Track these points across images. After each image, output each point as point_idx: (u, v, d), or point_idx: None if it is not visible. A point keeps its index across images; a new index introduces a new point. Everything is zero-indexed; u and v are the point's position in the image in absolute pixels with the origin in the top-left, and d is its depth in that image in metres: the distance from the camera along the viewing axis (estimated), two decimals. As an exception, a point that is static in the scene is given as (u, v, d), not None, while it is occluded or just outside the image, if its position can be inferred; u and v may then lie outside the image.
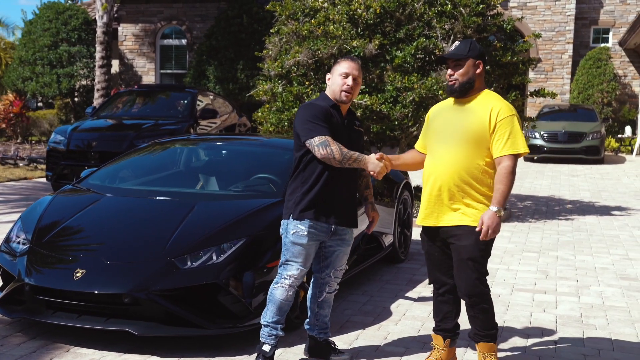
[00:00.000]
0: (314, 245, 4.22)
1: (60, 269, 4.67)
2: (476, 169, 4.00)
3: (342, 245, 4.35)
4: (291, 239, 4.18)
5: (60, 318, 4.54)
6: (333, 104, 4.23)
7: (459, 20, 9.33)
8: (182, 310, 4.43)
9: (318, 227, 4.18)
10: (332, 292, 4.44)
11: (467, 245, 4.00)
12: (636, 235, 8.94)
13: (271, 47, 9.97)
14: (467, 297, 4.07)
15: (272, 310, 4.22)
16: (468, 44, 4.10)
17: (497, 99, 4.08)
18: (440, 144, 4.11)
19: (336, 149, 4.06)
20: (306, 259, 4.21)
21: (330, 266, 4.36)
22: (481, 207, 4.00)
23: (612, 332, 5.13)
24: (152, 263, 4.57)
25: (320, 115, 4.14)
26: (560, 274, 6.82)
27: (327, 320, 4.46)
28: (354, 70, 4.22)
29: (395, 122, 9.18)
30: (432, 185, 4.11)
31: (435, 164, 4.11)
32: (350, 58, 4.30)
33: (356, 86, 4.25)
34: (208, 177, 6.06)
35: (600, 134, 18.57)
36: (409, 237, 7.41)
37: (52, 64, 21.29)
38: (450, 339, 4.29)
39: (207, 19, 22.23)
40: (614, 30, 23.28)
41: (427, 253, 4.28)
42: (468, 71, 4.06)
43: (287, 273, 4.20)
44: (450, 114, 4.15)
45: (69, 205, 5.47)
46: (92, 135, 11.20)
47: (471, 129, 4.00)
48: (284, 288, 4.19)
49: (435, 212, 4.09)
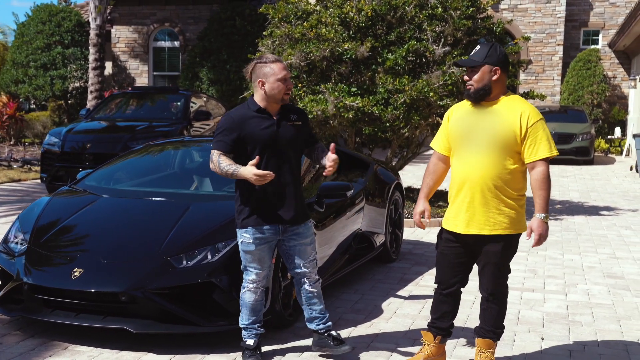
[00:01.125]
0: (265, 247, 4.34)
1: (58, 269, 4.79)
2: (508, 174, 4.04)
3: (299, 239, 4.39)
4: (242, 248, 4.35)
5: (58, 316, 4.65)
6: (258, 108, 4.28)
7: (449, 23, 9.47)
8: (177, 308, 4.54)
9: (264, 230, 4.29)
10: (314, 283, 4.48)
11: (497, 251, 4.10)
12: (623, 235, 9.08)
13: (264, 49, 10.08)
14: (487, 293, 4.21)
15: (246, 314, 4.41)
16: (487, 49, 4.07)
17: (524, 103, 4.09)
18: (470, 148, 4.10)
19: (216, 163, 4.20)
20: (261, 262, 4.35)
21: (297, 260, 4.43)
22: (512, 212, 4.06)
23: (598, 328, 5.27)
24: (148, 262, 4.69)
25: (224, 128, 4.26)
26: (549, 273, 6.96)
27: (322, 309, 4.52)
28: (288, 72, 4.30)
29: (386, 123, 9.30)
30: (465, 191, 4.11)
31: (464, 169, 4.11)
32: (276, 59, 4.29)
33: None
34: (202, 178, 6.17)
35: (590, 135, 18.74)
36: (400, 237, 7.52)
37: (45, 66, 21.33)
38: (441, 336, 4.40)
39: (199, 21, 22.30)
40: (604, 32, 23.48)
41: (442, 254, 4.31)
42: (483, 78, 4.05)
43: (248, 278, 4.38)
44: (476, 117, 4.12)
45: (66, 206, 5.57)
46: (87, 137, 11.28)
47: (502, 134, 4.01)
48: (250, 291, 4.37)
49: (466, 219, 4.11)
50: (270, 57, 4.30)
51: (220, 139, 4.25)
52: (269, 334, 4.83)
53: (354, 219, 6.45)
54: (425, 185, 4.39)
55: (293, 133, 4.33)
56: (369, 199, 6.80)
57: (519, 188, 4.10)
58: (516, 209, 4.08)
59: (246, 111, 4.30)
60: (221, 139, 4.25)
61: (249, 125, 4.24)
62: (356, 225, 6.49)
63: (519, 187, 4.10)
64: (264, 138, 4.24)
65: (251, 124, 4.24)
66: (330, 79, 9.50)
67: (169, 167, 6.68)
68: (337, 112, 9.06)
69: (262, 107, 4.28)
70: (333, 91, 9.13)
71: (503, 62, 4.08)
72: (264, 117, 4.28)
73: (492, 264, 4.14)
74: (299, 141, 4.37)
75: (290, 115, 4.37)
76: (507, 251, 4.15)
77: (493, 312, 4.23)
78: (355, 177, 6.85)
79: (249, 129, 4.23)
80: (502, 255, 4.13)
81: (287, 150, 4.30)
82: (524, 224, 4.16)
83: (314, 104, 9.03)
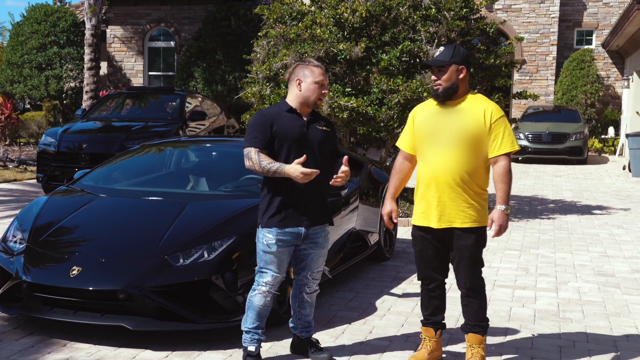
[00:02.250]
0: (286, 251, 4.32)
1: (56, 267, 4.85)
2: (474, 169, 4.21)
3: (316, 249, 4.42)
4: (262, 248, 4.31)
5: (56, 314, 4.72)
6: (289, 108, 4.33)
7: (443, 24, 9.55)
8: (174, 306, 4.61)
9: (287, 233, 4.28)
10: (311, 292, 4.53)
11: (469, 244, 4.25)
12: (615, 234, 9.18)
13: (259, 50, 10.15)
14: (466, 289, 4.33)
15: (251, 317, 4.37)
16: (452, 49, 4.25)
17: (485, 101, 4.27)
18: (437, 146, 4.24)
19: (256, 161, 4.19)
20: (279, 266, 4.32)
21: (307, 269, 4.46)
22: (479, 206, 4.23)
23: (588, 325, 5.36)
24: (145, 260, 4.76)
25: (257, 124, 4.27)
26: (540, 271, 7.05)
27: (309, 319, 4.58)
28: (325, 77, 4.35)
29: (381, 123, 9.38)
30: (432, 188, 4.25)
31: (432, 167, 4.25)
32: (318, 65, 4.36)
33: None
34: (198, 178, 6.25)
35: (584, 135, 18.85)
36: (394, 236, 7.61)
37: (40, 66, 21.36)
38: (440, 329, 4.52)
39: (195, 21, 22.35)
40: (597, 32, 23.61)
41: (420, 251, 4.43)
42: (451, 77, 4.22)
43: (262, 280, 4.33)
44: (441, 116, 4.27)
45: (64, 205, 5.64)
46: (83, 137, 11.33)
47: (468, 131, 4.17)
48: (262, 295, 4.33)
49: (437, 214, 4.25)
50: (313, 61, 4.38)
51: (255, 136, 4.24)
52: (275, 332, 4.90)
53: (349, 218, 6.53)
54: (392, 185, 4.53)
55: (321, 136, 4.35)
56: (363, 198, 6.88)
57: (484, 182, 4.28)
58: (481, 203, 4.26)
59: (278, 110, 4.35)
60: (256, 136, 4.24)
61: (280, 121, 4.27)
62: (350, 224, 6.57)
63: (483, 182, 4.27)
64: (295, 136, 4.26)
65: (282, 121, 4.28)
66: (325, 80, 9.55)
67: (166, 167, 6.75)
68: (331, 112, 9.14)
69: (294, 107, 4.34)
70: (328, 91, 9.19)
71: (467, 62, 4.28)
72: (294, 117, 4.32)
73: (467, 258, 4.27)
74: (326, 146, 4.38)
75: (320, 120, 4.42)
76: (479, 243, 4.29)
77: (474, 307, 4.35)
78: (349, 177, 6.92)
79: (280, 125, 4.25)
80: (474, 249, 4.26)
81: (315, 152, 4.30)
82: (487, 216, 4.32)
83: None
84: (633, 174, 16.13)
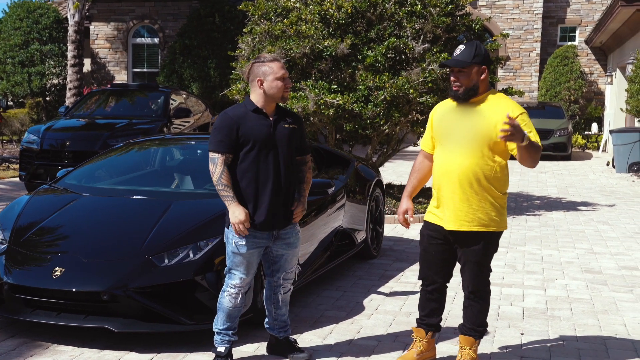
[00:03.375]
0: (256, 252, 4.25)
1: (39, 268, 4.76)
2: (489, 171, 4.04)
3: (289, 249, 4.36)
4: (231, 249, 4.23)
5: (39, 316, 4.63)
6: (255, 108, 4.23)
7: (428, 20, 9.51)
8: (159, 307, 4.54)
9: (257, 234, 4.21)
10: (287, 292, 4.48)
11: (477, 249, 4.12)
12: (601, 230, 9.19)
13: (244, 46, 10.07)
14: (468, 291, 4.24)
15: (222, 318, 4.31)
16: (473, 49, 4.03)
17: (506, 100, 4.11)
18: (452, 144, 4.10)
19: (217, 174, 4.10)
20: (248, 267, 4.24)
21: (281, 270, 4.41)
22: (492, 210, 4.07)
23: (576, 323, 5.34)
24: (130, 261, 4.68)
25: (223, 127, 4.15)
26: (528, 268, 7.03)
27: (285, 318, 4.52)
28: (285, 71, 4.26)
29: (367, 120, 9.33)
30: (446, 187, 4.12)
31: (447, 165, 4.11)
32: (274, 58, 4.25)
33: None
34: (183, 176, 6.17)
35: (568, 131, 18.92)
36: (381, 233, 7.56)
37: (23, 63, 21.15)
38: (432, 332, 4.45)
39: (179, 18, 22.22)
40: (580, 28, 23.69)
41: (425, 250, 4.32)
42: (472, 78, 4.03)
43: (231, 282, 4.27)
44: (459, 115, 4.12)
45: (46, 204, 5.55)
46: (66, 135, 11.20)
47: (485, 131, 4.01)
48: (231, 296, 4.26)
49: (447, 215, 4.13)
50: (267, 57, 4.28)
51: (221, 139, 4.14)
52: (250, 332, 4.85)
53: (335, 215, 6.47)
54: (410, 183, 4.41)
55: (289, 135, 4.27)
56: (350, 196, 6.83)
57: (501, 186, 4.11)
58: (497, 207, 4.10)
59: (244, 110, 4.25)
60: (221, 139, 4.14)
61: (247, 123, 4.18)
62: (337, 222, 6.52)
63: (500, 185, 4.11)
64: (262, 137, 4.17)
65: (249, 122, 4.19)
66: (311, 76, 9.52)
67: (150, 165, 6.67)
68: (317, 109, 9.08)
69: (259, 107, 4.24)
70: (314, 88, 9.15)
71: (489, 61, 4.10)
72: (260, 117, 4.23)
73: (473, 262, 4.16)
74: (293, 144, 4.30)
75: (286, 117, 4.32)
76: (487, 249, 4.16)
77: (474, 310, 4.27)
78: (336, 174, 6.88)
79: (246, 127, 4.16)
80: (481, 254, 4.14)
81: (284, 152, 4.22)
82: (504, 222, 4.19)
83: (294, 101, 9.04)
84: (617, 170, 16.20)
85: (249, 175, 4.17)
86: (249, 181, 4.17)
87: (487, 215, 4.08)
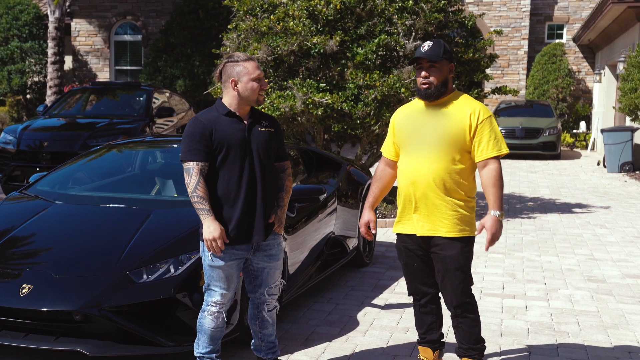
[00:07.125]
0: (235, 264, 3.90)
1: (5, 284, 4.34)
2: (457, 174, 3.85)
3: (271, 261, 4.02)
4: (208, 262, 3.88)
5: (5, 338, 4.22)
6: (227, 112, 3.89)
7: (420, 17, 9.16)
8: (137, 327, 4.15)
9: (235, 247, 3.88)
10: (271, 310, 4.13)
11: (453, 254, 3.86)
12: (599, 234, 8.88)
13: (229, 43, 9.68)
14: (453, 307, 3.94)
15: (203, 341, 3.97)
16: (441, 45, 3.90)
17: (471, 101, 3.94)
18: (417, 149, 3.90)
19: (192, 185, 3.77)
20: (228, 282, 3.90)
21: (263, 284, 4.06)
22: (464, 214, 3.86)
23: (586, 339, 4.99)
24: (105, 277, 4.28)
25: (196, 133, 3.80)
26: (528, 277, 6.69)
27: (272, 339, 4.19)
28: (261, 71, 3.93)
29: (357, 120, 8.98)
30: (413, 193, 3.89)
31: (413, 170, 3.89)
32: (249, 58, 3.92)
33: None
34: (165, 181, 5.78)
35: (557, 130, 18.66)
36: (373, 239, 7.21)
37: (2, 60, 20.66)
38: (439, 350, 4.17)
39: (162, 14, 21.78)
40: (568, 26, 23.47)
41: (406, 265, 4.08)
42: (443, 74, 3.87)
43: (211, 300, 3.92)
44: (423, 117, 3.94)
45: (15, 214, 5.14)
46: (44, 135, 10.78)
47: (451, 133, 3.83)
48: (212, 315, 3.92)
49: (420, 221, 3.90)
50: (241, 56, 3.91)
51: (195, 147, 3.79)
52: (237, 352, 4.49)
53: (327, 221, 6.12)
54: (371, 193, 4.18)
55: (265, 139, 3.93)
56: (342, 201, 6.48)
57: (470, 189, 3.91)
58: (468, 211, 3.89)
59: (215, 114, 3.89)
60: (195, 147, 3.79)
61: (220, 127, 3.83)
62: (329, 229, 6.17)
63: (469, 189, 3.91)
64: (236, 142, 3.82)
65: (221, 126, 3.83)
66: (299, 74, 9.15)
67: (130, 169, 6.27)
68: (305, 109, 8.71)
69: (232, 110, 3.89)
70: (301, 87, 8.78)
71: (453, 59, 3.89)
72: (234, 121, 3.88)
73: (452, 271, 3.88)
74: (271, 148, 3.96)
75: (262, 121, 3.98)
76: (465, 255, 3.90)
77: (465, 327, 3.97)
78: (327, 178, 6.53)
79: (219, 132, 3.81)
80: (461, 260, 3.87)
81: (260, 157, 3.88)
82: (475, 226, 3.95)
83: (281, 100, 8.66)
84: (608, 170, 15.95)
85: (223, 184, 3.82)
86: (223, 191, 3.83)
87: (459, 219, 3.86)
